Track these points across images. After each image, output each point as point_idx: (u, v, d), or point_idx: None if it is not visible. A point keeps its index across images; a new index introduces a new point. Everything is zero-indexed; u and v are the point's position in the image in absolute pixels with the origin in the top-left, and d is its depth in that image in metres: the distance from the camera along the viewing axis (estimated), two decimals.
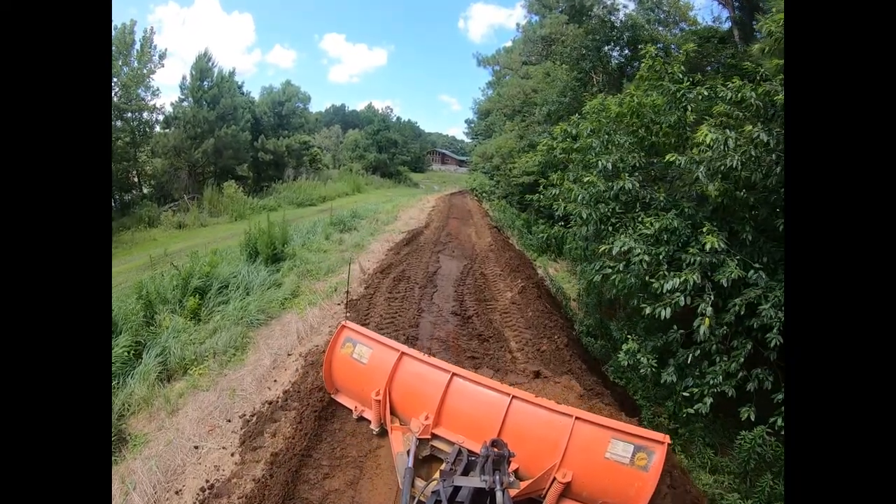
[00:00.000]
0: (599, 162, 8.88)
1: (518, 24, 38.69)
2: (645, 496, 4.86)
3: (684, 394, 7.95)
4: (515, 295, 12.23)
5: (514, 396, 5.70)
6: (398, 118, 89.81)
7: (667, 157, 7.86)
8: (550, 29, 27.14)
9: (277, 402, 7.26)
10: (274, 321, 10.83)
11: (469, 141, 77.60)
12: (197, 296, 11.39)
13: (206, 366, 8.81)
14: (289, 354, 9.02)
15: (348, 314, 9.25)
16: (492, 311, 11.30)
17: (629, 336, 8.61)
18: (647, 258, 7.68)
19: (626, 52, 22.83)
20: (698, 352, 7.77)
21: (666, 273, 7.55)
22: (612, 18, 22.34)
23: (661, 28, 24.74)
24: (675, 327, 8.02)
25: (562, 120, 22.77)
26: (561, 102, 22.00)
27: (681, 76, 8.96)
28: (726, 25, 21.26)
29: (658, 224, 7.83)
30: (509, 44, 46.47)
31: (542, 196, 12.16)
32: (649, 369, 8.15)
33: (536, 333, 9.81)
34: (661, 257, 7.77)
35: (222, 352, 9.24)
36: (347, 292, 9.74)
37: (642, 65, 9.57)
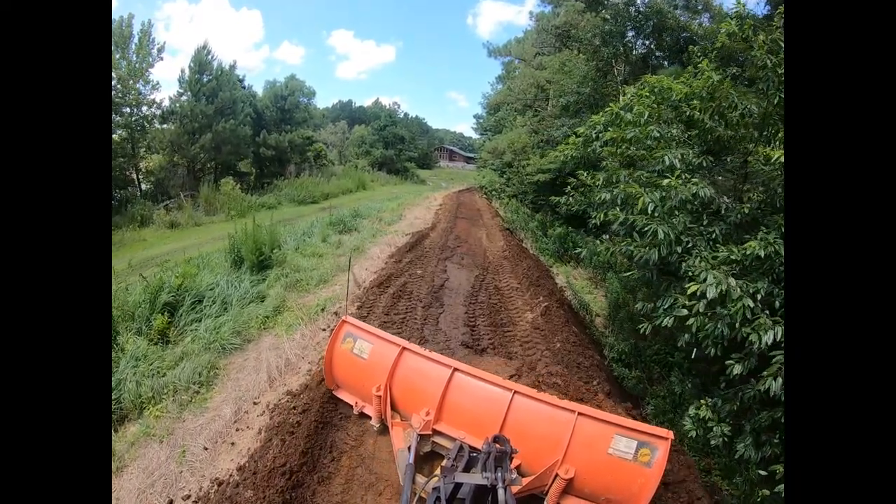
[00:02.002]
0: (666, 158, 6.91)
1: (531, 13, 36.71)
2: (648, 492, 4.82)
3: (761, 471, 6.07)
4: (537, 317, 10.38)
5: (516, 392, 5.65)
6: (405, 114, 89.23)
7: (776, 155, 5.83)
8: (566, 17, 25.43)
9: (227, 484, 5.49)
10: (251, 346, 9.15)
11: (477, 137, 76.07)
12: (167, 313, 9.72)
13: (163, 406, 7.28)
14: (255, 403, 7.27)
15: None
16: (510, 340, 9.47)
17: (703, 402, 6.62)
18: (749, 302, 5.56)
19: (650, 41, 20.90)
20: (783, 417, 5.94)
21: (767, 321, 5.52)
22: (633, 8, 20.50)
23: (683, 15, 22.84)
24: (752, 380, 6.07)
25: (580, 113, 21.23)
26: (580, 93, 20.12)
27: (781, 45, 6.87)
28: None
29: (763, 249, 5.77)
30: (521, 35, 44.50)
31: (571, 198, 10.29)
32: (722, 439, 6.32)
33: (568, 375, 7.93)
34: (758, 298, 5.72)
35: (185, 388, 7.65)
36: (348, 294, 8.63)
37: (721, 32, 7.50)
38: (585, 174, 9.16)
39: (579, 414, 5.26)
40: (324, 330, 9.46)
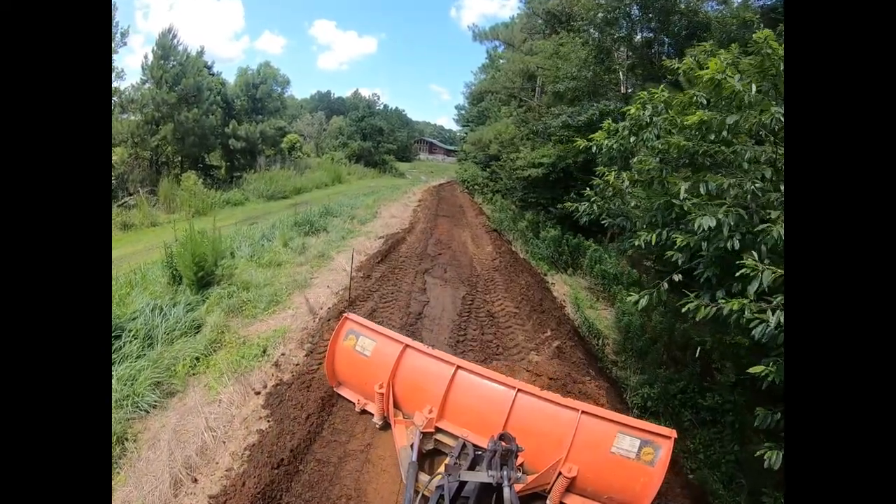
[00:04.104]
0: None
1: None
2: (651, 491, 4.77)
3: None
4: (546, 361, 8.11)
5: (519, 390, 5.62)
6: (385, 106, 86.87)
7: None
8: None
9: None
10: (174, 402, 6.96)
11: (458, 129, 74.18)
12: None
13: None
14: None
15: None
16: None
17: None
18: None
19: (654, 23, 18.67)
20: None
21: None
22: None
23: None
24: None
25: (578, 101, 19.04)
26: (580, 78, 17.91)
27: None
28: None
29: None
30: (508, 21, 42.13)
31: (594, 205, 7.84)
32: None
33: None
34: None
35: None
36: (350, 288, 8.52)
37: None
38: (612, 172, 6.98)
39: (583, 412, 5.23)
40: (258, 394, 7.04)
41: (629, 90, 18.29)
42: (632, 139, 6.54)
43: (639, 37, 18.64)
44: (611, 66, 18.71)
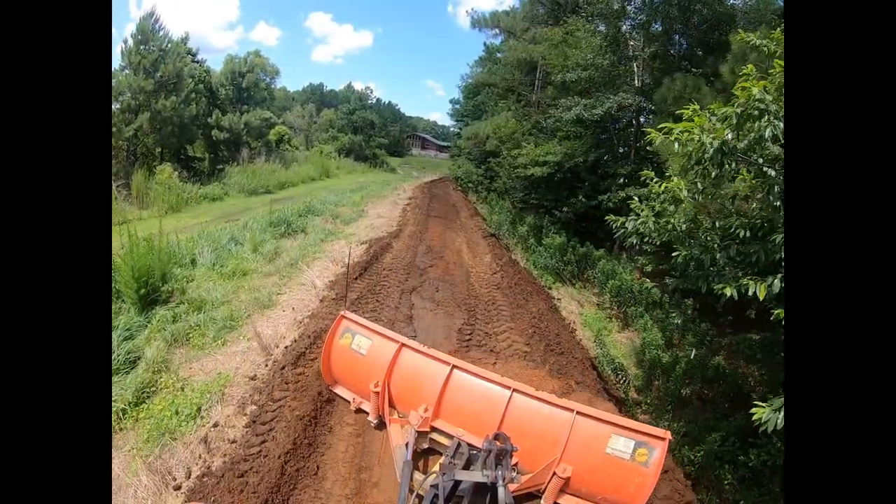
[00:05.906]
0: None
1: None
2: (645, 492, 4.77)
3: None
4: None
5: (514, 390, 5.61)
6: (378, 99, 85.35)
7: None
8: None
9: None
10: None
11: (452, 125, 72.94)
12: None
13: None
14: None
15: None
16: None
17: None
18: None
19: (675, 10, 16.98)
20: None
21: None
22: None
23: None
24: None
25: (589, 92, 17.34)
26: (595, 66, 16.21)
27: None
28: None
29: None
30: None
31: (651, 221, 5.81)
32: None
33: None
34: None
35: None
36: (347, 286, 8.46)
37: None
38: (672, 179, 5.32)
39: (578, 413, 5.21)
40: (177, 489, 5.02)
41: (644, 83, 16.68)
42: (728, 134, 4.62)
43: (656, 27, 16.97)
44: (622, 56, 17.07)
